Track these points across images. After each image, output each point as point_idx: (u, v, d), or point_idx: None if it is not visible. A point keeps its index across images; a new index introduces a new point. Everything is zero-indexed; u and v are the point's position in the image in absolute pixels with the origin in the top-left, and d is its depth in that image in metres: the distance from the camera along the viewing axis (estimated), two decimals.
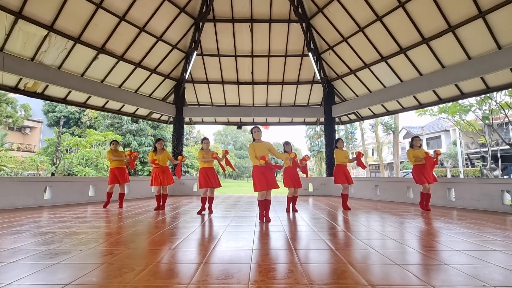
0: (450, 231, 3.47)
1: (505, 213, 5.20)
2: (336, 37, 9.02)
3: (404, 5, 6.91)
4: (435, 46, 7.16)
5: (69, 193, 6.80)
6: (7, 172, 16.69)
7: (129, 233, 3.32)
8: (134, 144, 22.44)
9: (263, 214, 4.27)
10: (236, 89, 11.06)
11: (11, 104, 22.76)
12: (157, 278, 1.88)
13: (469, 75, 6.75)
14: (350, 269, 2.07)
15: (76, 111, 28.50)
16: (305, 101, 11.37)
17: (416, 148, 5.63)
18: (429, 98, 8.42)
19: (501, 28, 6.04)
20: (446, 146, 29.03)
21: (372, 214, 5.12)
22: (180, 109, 10.57)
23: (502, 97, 13.09)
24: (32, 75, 6.82)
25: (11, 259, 2.26)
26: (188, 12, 8.88)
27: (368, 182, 8.67)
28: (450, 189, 6.43)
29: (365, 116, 10.90)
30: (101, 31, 7.55)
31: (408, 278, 1.91)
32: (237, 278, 1.89)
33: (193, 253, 2.53)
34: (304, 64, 10.37)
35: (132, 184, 8.34)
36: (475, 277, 1.92)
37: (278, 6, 9.06)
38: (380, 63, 8.52)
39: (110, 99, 8.80)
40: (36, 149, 27.40)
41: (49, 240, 2.92)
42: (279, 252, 2.55)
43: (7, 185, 5.87)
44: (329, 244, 2.82)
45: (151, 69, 9.38)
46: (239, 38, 9.77)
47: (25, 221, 4.10)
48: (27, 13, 6.24)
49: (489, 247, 2.70)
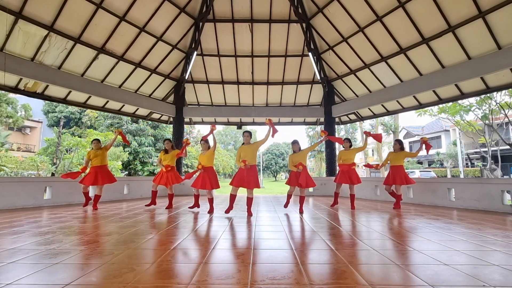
0: (450, 231, 3.47)
1: (505, 213, 5.19)
2: (336, 37, 9.02)
3: (404, 5, 6.91)
4: (435, 46, 7.16)
5: (69, 193, 6.80)
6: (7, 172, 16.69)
7: (129, 233, 3.31)
8: (134, 144, 22.44)
9: (231, 207, 4.93)
10: (236, 89, 11.06)
11: (11, 104, 22.77)
12: (157, 278, 1.88)
13: (469, 75, 6.75)
14: (350, 269, 2.07)
15: (76, 111, 28.52)
16: (305, 101, 11.38)
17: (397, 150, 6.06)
18: (429, 98, 8.43)
19: (501, 28, 6.04)
20: (446, 146, 29.04)
21: (372, 214, 5.12)
22: (180, 109, 10.57)
23: (502, 97, 13.08)
24: (32, 75, 6.82)
25: (11, 259, 2.26)
26: (188, 12, 8.88)
27: (368, 182, 8.67)
28: (450, 189, 6.43)
29: (365, 116, 10.90)
30: (101, 31, 7.55)
31: (408, 278, 1.91)
32: (237, 278, 1.89)
33: (193, 253, 2.52)
34: (304, 64, 10.37)
35: (132, 184, 8.34)
36: (475, 277, 1.92)
37: (278, 6, 9.06)
38: (380, 63, 8.53)
39: (110, 99, 8.80)
40: (36, 149, 27.41)
41: (49, 240, 2.92)
42: (279, 252, 2.55)
43: (7, 185, 5.86)
44: (329, 244, 2.82)
45: (151, 69, 9.38)
46: (239, 38, 9.78)
47: (25, 221, 4.10)
48: (27, 13, 6.25)
49: (489, 247, 2.70)
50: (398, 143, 6.11)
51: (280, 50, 10.07)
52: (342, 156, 6.06)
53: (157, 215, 4.84)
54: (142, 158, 22.60)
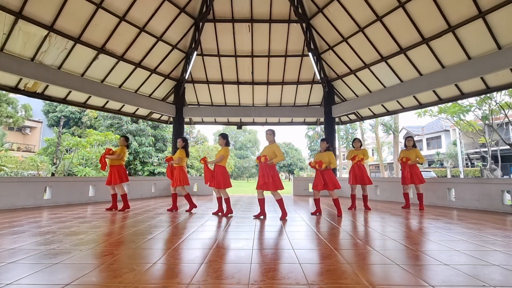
0: (450, 231, 3.47)
1: (505, 213, 5.20)
2: (336, 37, 9.01)
3: (404, 5, 6.90)
4: (435, 46, 7.16)
5: (69, 193, 6.80)
6: (7, 172, 16.69)
7: (129, 233, 3.31)
8: (134, 144, 22.43)
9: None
10: (236, 89, 11.06)
11: (11, 104, 22.78)
12: (157, 278, 1.88)
13: (469, 75, 6.75)
14: (350, 269, 2.07)
15: (76, 111, 28.51)
16: (305, 101, 11.37)
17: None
18: (429, 98, 8.42)
19: (501, 28, 6.04)
20: (446, 146, 29.04)
21: (372, 214, 5.12)
22: (180, 109, 10.57)
23: (502, 97, 13.08)
24: (32, 75, 6.81)
25: (11, 259, 2.26)
26: (188, 12, 8.88)
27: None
28: (450, 189, 6.43)
29: (365, 116, 10.90)
30: (101, 31, 7.55)
31: (408, 278, 1.91)
32: (237, 278, 1.89)
33: (193, 253, 2.52)
34: (304, 64, 10.37)
35: (132, 184, 8.34)
36: (475, 277, 1.92)
37: (278, 6, 9.06)
38: (380, 63, 8.52)
39: (110, 99, 8.79)
40: (36, 149, 27.43)
41: (49, 240, 2.92)
42: (279, 252, 2.55)
43: (7, 185, 5.87)
44: (329, 244, 2.82)
45: (151, 69, 9.38)
46: (239, 38, 9.77)
47: (25, 221, 4.10)
48: (27, 13, 6.24)
49: (489, 247, 2.70)
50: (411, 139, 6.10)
51: (280, 50, 10.07)
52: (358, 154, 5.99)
53: (157, 215, 4.84)
54: (142, 158, 22.59)
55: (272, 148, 4.61)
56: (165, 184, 9.69)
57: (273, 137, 4.70)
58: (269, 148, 4.64)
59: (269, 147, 4.66)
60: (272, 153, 4.54)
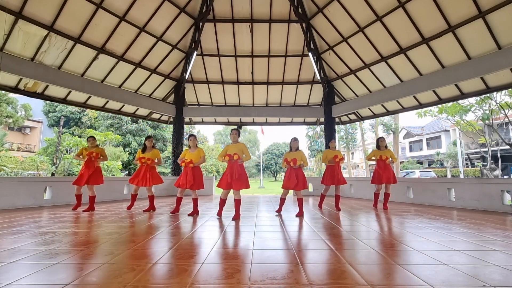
0: (450, 231, 3.47)
1: (505, 213, 5.19)
2: (336, 37, 9.02)
3: (404, 5, 6.91)
4: (435, 46, 7.16)
5: (69, 193, 6.78)
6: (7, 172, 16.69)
7: (129, 233, 3.31)
8: (134, 144, 22.44)
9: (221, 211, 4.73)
10: (236, 89, 11.06)
11: (11, 104, 22.77)
12: (157, 278, 1.88)
13: (469, 75, 6.75)
14: (350, 269, 2.07)
15: (76, 111, 28.50)
16: (305, 101, 11.38)
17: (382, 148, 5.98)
18: (429, 98, 8.42)
19: (501, 28, 6.04)
20: (446, 146, 29.03)
21: (372, 214, 5.12)
22: (180, 109, 10.57)
23: (502, 97, 13.07)
24: (32, 75, 6.81)
25: (11, 259, 2.26)
26: (188, 12, 8.88)
27: (368, 182, 8.66)
28: (450, 189, 6.42)
29: (365, 116, 10.90)
30: (101, 31, 7.55)
31: (408, 278, 1.91)
32: (237, 278, 1.89)
33: (193, 253, 2.52)
34: (304, 64, 10.37)
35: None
36: (475, 277, 1.92)
37: (278, 6, 9.06)
38: (380, 63, 8.52)
39: (110, 99, 8.80)
40: (36, 149, 27.40)
41: (49, 240, 2.92)
42: (279, 252, 2.55)
43: (7, 185, 5.86)
44: (329, 244, 2.82)
45: (151, 69, 9.38)
46: (239, 38, 9.77)
47: (25, 221, 4.10)
48: (27, 13, 6.24)
49: (489, 247, 2.70)
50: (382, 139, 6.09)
51: (280, 50, 10.07)
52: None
53: (156, 216, 4.84)
54: None
55: (239, 147, 4.62)
56: (165, 184, 9.67)
57: (237, 137, 4.79)
58: (236, 146, 4.63)
59: (235, 145, 4.65)
60: (240, 151, 4.57)
